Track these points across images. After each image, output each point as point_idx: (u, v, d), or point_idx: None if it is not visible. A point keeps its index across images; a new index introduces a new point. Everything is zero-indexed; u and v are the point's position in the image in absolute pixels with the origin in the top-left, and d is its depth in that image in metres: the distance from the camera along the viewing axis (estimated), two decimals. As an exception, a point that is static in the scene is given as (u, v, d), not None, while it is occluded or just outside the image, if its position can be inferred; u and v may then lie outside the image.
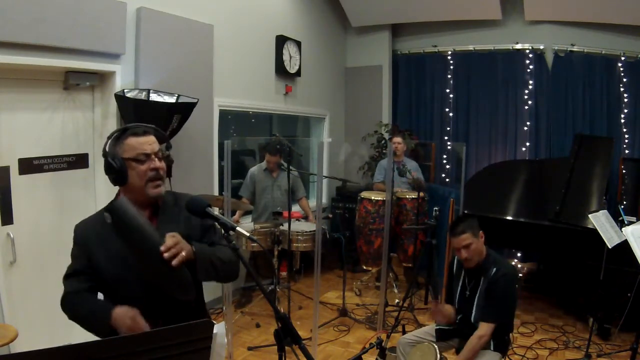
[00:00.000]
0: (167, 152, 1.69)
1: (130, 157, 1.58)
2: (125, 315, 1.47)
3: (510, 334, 2.77)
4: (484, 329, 2.50)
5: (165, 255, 1.40)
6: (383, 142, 6.11)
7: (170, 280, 1.48)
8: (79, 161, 3.39)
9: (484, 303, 2.57)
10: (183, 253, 1.44)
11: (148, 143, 1.61)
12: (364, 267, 4.97)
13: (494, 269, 2.58)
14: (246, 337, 3.92)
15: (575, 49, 5.40)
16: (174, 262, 1.41)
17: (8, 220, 2.94)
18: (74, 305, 1.58)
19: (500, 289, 2.54)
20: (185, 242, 1.48)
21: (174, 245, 1.43)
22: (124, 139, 1.60)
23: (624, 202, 4.93)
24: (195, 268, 1.51)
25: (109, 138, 1.64)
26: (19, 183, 2.99)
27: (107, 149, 1.62)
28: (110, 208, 1.43)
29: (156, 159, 1.61)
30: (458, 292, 2.78)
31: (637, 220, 3.78)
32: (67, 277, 1.61)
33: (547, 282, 5.00)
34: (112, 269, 1.55)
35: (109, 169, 1.58)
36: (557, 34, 5.49)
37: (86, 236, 1.61)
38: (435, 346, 2.51)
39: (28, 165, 3.04)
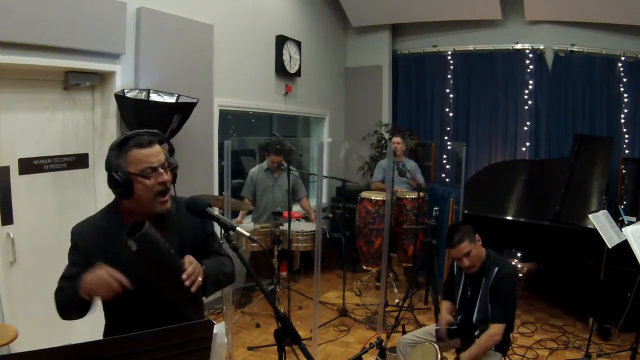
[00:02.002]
0: (173, 161, 1.61)
1: (136, 172, 1.49)
2: (97, 274, 1.42)
3: (510, 334, 2.77)
4: (496, 329, 2.50)
5: (187, 282, 1.44)
6: (383, 142, 6.11)
7: (186, 302, 1.54)
8: (79, 161, 3.39)
9: (492, 305, 2.56)
10: (200, 278, 1.48)
11: (154, 155, 1.52)
12: (364, 267, 4.97)
13: (496, 269, 2.58)
14: (246, 337, 3.92)
15: (575, 49, 5.40)
16: (193, 289, 1.46)
17: (8, 220, 2.93)
18: (57, 296, 1.56)
19: (506, 288, 2.55)
20: (198, 264, 1.52)
21: (193, 272, 1.47)
22: (128, 150, 1.50)
23: (624, 202, 4.93)
24: (204, 287, 1.55)
25: (111, 149, 1.53)
26: (19, 183, 2.99)
27: (110, 161, 1.51)
28: (138, 239, 1.34)
29: (163, 172, 1.54)
30: (460, 293, 2.78)
31: (637, 220, 3.78)
32: (62, 279, 1.59)
33: (547, 282, 5.00)
34: None
35: (114, 184, 1.48)
36: (557, 34, 5.49)
37: (87, 244, 1.55)
38: (436, 346, 2.51)
39: (28, 165, 3.04)
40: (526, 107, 5.69)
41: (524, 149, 5.71)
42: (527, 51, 5.63)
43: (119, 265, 1.50)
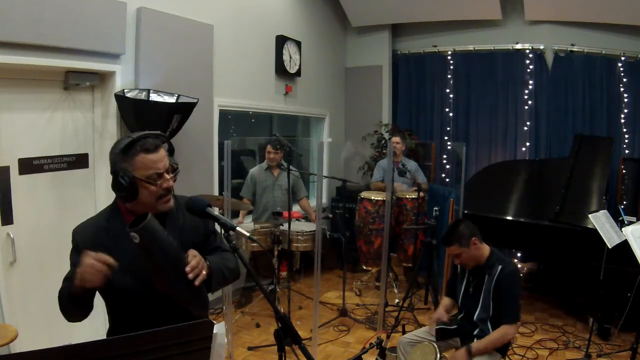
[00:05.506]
0: (175, 164, 1.61)
1: (142, 178, 1.49)
2: (83, 261, 1.41)
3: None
4: (508, 329, 2.50)
5: (190, 275, 1.42)
6: (383, 142, 6.11)
7: (191, 298, 1.51)
8: (79, 161, 3.39)
9: (503, 304, 2.54)
10: (204, 272, 1.47)
11: (160, 160, 1.52)
12: (364, 267, 4.97)
13: (499, 267, 2.57)
14: (246, 337, 3.92)
15: (575, 49, 5.40)
16: (197, 282, 1.44)
17: (8, 220, 2.93)
18: (59, 297, 1.55)
19: (513, 287, 2.55)
20: (202, 257, 1.50)
21: (197, 264, 1.45)
22: (135, 155, 1.49)
23: (624, 202, 4.93)
24: (209, 282, 1.53)
25: (115, 152, 1.51)
26: (19, 183, 2.98)
27: (116, 164, 1.50)
28: (141, 230, 1.34)
29: (168, 177, 1.55)
30: (462, 289, 2.77)
31: (637, 220, 3.78)
32: (66, 280, 1.58)
33: (547, 282, 5.00)
34: (120, 281, 1.50)
35: (119, 188, 1.49)
36: (557, 34, 5.49)
37: (88, 245, 1.52)
38: (436, 346, 2.51)
39: (28, 165, 3.04)
40: (526, 107, 5.69)
41: (524, 149, 5.71)
42: (527, 51, 5.63)
43: (121, 265, 1.49)
